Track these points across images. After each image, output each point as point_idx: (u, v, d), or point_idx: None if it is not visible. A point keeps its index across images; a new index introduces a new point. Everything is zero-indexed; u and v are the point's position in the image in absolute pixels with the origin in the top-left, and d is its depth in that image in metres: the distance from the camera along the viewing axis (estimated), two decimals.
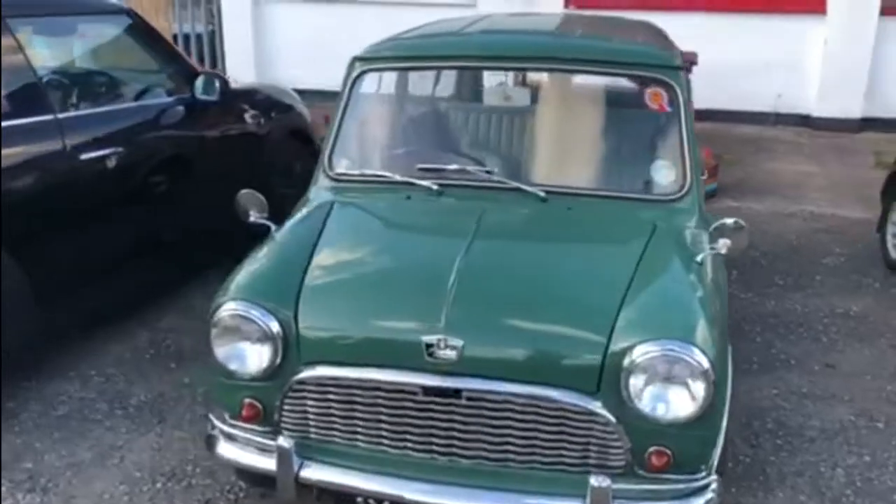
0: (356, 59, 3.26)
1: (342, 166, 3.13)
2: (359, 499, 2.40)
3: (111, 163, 3.84)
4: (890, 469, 3.08)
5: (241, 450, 2.54)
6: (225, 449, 2.57)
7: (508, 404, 2.26)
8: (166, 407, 3.50)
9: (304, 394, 2.40)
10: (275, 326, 2.37)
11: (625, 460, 2.26)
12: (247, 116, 4.91)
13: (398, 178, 2.95)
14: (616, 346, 2.21)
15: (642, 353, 2.16)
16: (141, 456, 3.16)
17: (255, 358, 2.40)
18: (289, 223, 2.86)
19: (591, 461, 2.28)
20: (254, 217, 2.80)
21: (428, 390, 2.29)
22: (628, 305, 2.29)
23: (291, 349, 2.38)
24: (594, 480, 2.21)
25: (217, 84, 4.41)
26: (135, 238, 4.09)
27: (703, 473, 2.30)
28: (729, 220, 2.52)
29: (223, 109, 4.67)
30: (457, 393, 2.27)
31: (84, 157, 3.70)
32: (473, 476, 2.34)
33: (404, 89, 3.37)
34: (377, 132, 3.30)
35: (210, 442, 2.61)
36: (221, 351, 2.44)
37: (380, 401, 2.34)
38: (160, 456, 3.17)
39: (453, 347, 2.24)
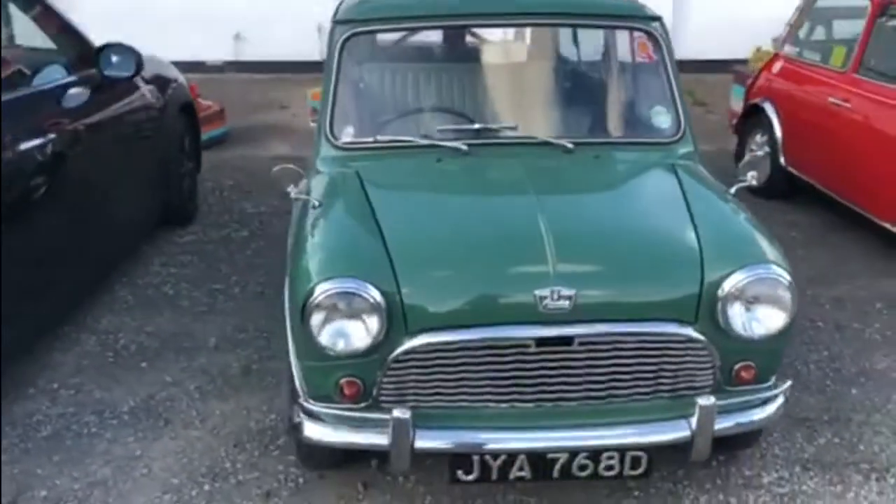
0: (337, 22, 3.17)
1: (348, 135, 3.04)
2: (475, 457, 2.44)
3: (41, 153, 3.42)
4: (846, 359, 3.60)
5: (336, 430, 2.47)
6: (316, 431, 2.48)
7: (617, 343, 2.39)
8: (163, 408, 3.25)
9: (411, 363, 2.38)
10: (378, 296, 2.31)
11: (713, 378, 2.49)
12: (146, 91, 4.53)
13: (423, 141, 2.94)
14: (710, 277, 2.40)
15: (736, 280, 2.38)
16: (167, 462, 2.94)
17: (360, 333, 2.33)
18: (324, 198, 2.74)
19: (682, 384, 2.49)
20: (294, 193, 2.67)
21: (541, 341, 2.36)
22: (704, 238, 2.50)
23: (395, 320, 2.34)
24: (702, 400, 2.42)
25: (130, 57, 4.01)
26: (64, 234, 3.68)
27: (774, 380, 2.59)
28: (756, 153, 2.81)
29: (128, 85, 4.28)
30: (568, 340, 2.37)
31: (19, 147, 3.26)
32: (580, 416, 2.46)
33: (396, 51, 3.32)
34: (377, 96, 3.24)
35: (298, 428, 2.51)
36: (326, 333, 2.34)
37: (490, 358, 2.38)
38: (188, 458, 2.96)
39: (566, 297, 2.33)
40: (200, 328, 3.87)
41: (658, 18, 3.24)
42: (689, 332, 2.40)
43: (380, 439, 2.42)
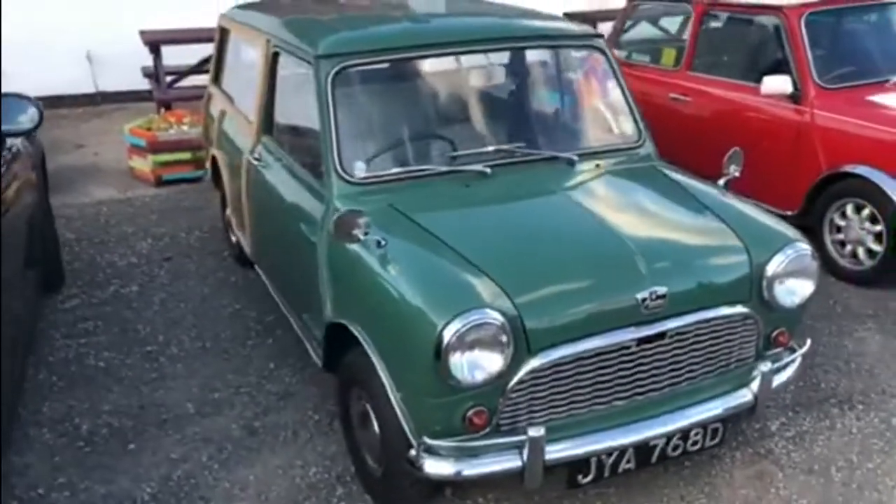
0: (320, 57, 3.09)
1: (360, 169, 2.97)
2: (592, 459, 2.58)
3: None
4: None
5: (458, 462, 2.47)
6: (439, 468, 2.47)
7: (696, 331, 2.66)
8: (190, 487, 2.96)
9: (531, 382, 2.46)
10: (503, 321, 2.36)
11: (756, 347, 2.85)
12: (18, 142, 3.97)
13: (444, 168, 3.00)
14: (756, 261, 2.75)
15: (778, 262, 2.73)
16: None
17: (494, 361, 2.36)
18: (383, 236, 2.67)
19: (736, 356, 2.82)
20: (362, 235, 2.60)
21: (642, 340, 2.57)
22: (738, 229, 2.84)
23: (519, 342, 2.41)
24: (762, 367, 2.77)
25: (27, 107, 3.53)
26: None
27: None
28: (733, 149, 3.23)
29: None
30: (662, 335, 2.60)
31: None
32: (668, 403, 2.70)
33: (386, 80, 3.28)
34: (378, 127, 3.19)
35: (417, 466, 2.47)
36: (463, 368, 2.33)
37: (597, 364, 2.53)
38: None
39: (661, 296, 2.55)
40: (165, 396, 3.53)
41: (601, 35, 3.56)
42: (747, 310, 2.74)
43: (510, 461, 2.48)
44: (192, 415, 3.40)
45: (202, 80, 7.92)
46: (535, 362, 2.44)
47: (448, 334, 2.32)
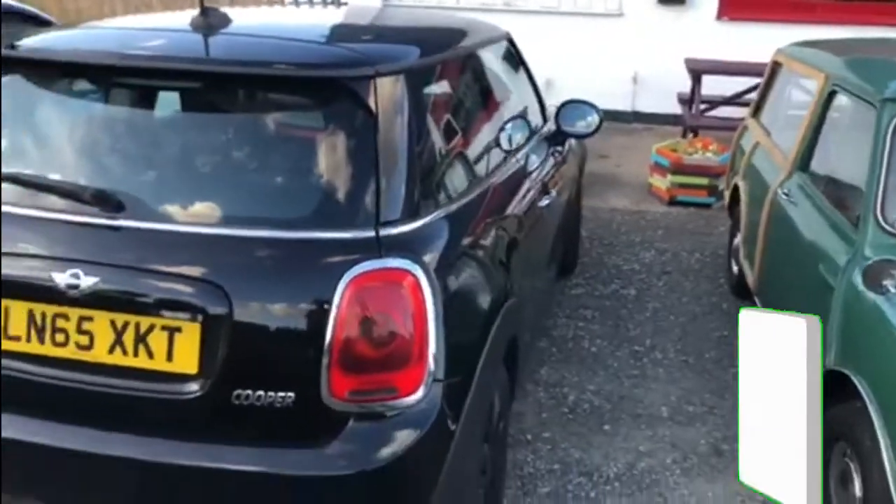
0: (886, 100, 2.97)
1: None
2: None
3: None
4: None
5: None
6: None
7: None
8: (650, 481, 3.14)
9: None
10: None
11: None
12: (573, 142, 4.57)
13: None
14: None
15: None
16: None
17: None
18: None
19: None
20: (893, 288, 2.48)
21: None
22: None
23: None
24: None
25: (592, 114, 4.04)
26: None
27: None
28: None
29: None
30: None
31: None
32: None
33: None
34: None
35: None
36: None
37: None
38: None
39: None
40: (643, 394, 3.78)
41: None
42: None
43: None
44: (665, 419, 3.59)
45: (731, 112, 8.15)
46: None
47: None
